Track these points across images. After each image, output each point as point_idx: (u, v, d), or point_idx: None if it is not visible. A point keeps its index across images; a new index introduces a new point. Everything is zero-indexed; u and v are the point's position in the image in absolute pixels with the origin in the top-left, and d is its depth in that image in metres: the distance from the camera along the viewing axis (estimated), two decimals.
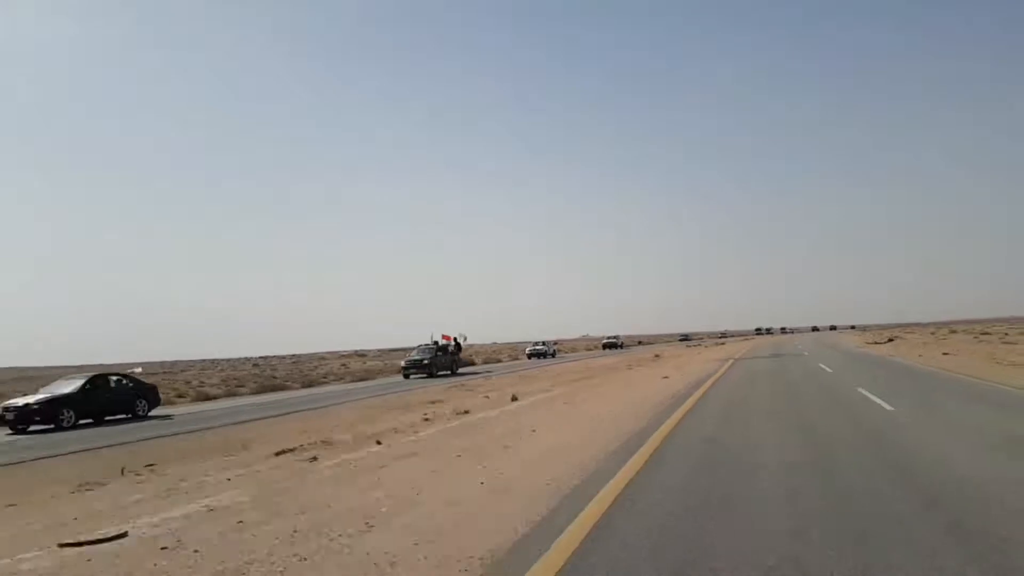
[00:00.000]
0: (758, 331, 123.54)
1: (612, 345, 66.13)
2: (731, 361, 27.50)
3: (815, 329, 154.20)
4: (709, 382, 16.51)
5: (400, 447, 8.55)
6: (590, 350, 65.87)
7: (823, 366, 20.92)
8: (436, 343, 33.00)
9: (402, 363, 31.77)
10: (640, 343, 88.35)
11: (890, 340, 43.61)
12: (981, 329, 57.76)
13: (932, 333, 56.35)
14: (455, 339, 35.28)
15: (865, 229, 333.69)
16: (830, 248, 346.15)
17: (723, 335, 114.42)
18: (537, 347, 50.24)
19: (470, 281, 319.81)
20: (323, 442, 9.55)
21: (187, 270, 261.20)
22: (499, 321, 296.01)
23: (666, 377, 19.37)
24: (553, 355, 49.56)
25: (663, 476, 5.72)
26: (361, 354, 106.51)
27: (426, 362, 30.38)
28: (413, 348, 33.65)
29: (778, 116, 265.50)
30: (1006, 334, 39.78)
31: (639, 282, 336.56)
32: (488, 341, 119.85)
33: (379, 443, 9.04)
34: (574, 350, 67.48)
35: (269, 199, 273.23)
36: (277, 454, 8.70)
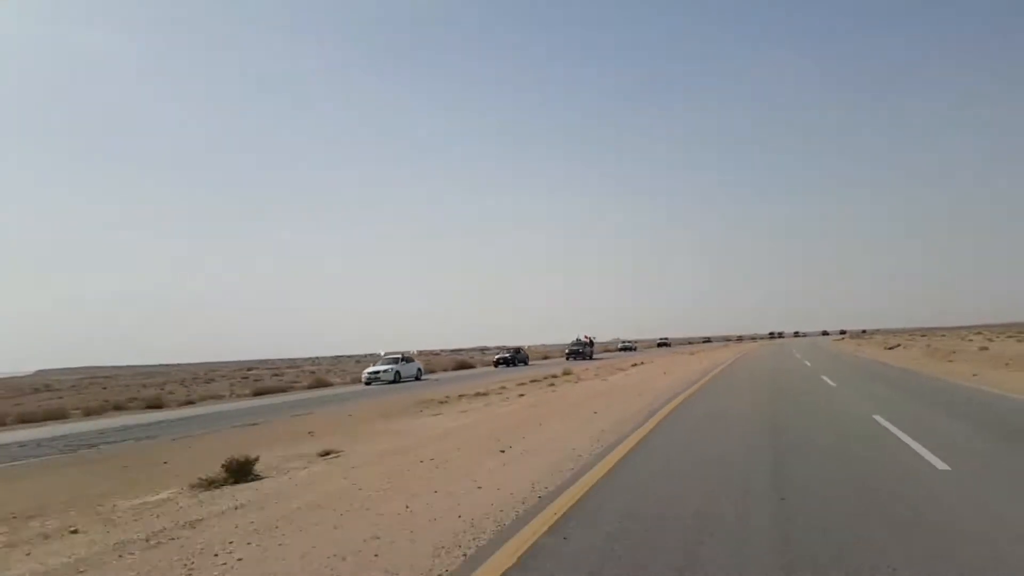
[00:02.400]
0: (771, 335, 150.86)
1: (664, 344, 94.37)
2: (759, 346, 55.75)
3: (825, 333, 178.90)
4: (752, 350, 44.62)
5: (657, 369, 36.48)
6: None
7: (793, 350, 48.45)
8: (579, 339, 60.71)
9: (566, 350, 59.13)
10: (690, 343, 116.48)
11: (843, 337, 72.10)
12: (950, 334, 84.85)
13: (906, 336, 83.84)
14: (590, 337, 63.29)
15: (886, 236, 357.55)
16: (846, 255, 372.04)
17: (740, 338, 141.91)
18: (626, 343, 78.18)
19: (480, 285, 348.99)
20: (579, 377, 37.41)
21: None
22: (523, 323, 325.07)
23: (735, 348, 47.46)
24: (635, 349, 76.98)
25: (747, 358, 33.56)
26: (435, 352, 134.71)
27: (581, 351, 57.83)
28: (567, 344, 61.53)
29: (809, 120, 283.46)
30: (969, 337, 66.14)
31: (659, 288, 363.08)
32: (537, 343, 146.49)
33: (636, 365, 36.93)
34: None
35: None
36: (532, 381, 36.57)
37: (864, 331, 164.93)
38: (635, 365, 31.91)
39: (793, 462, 6.08)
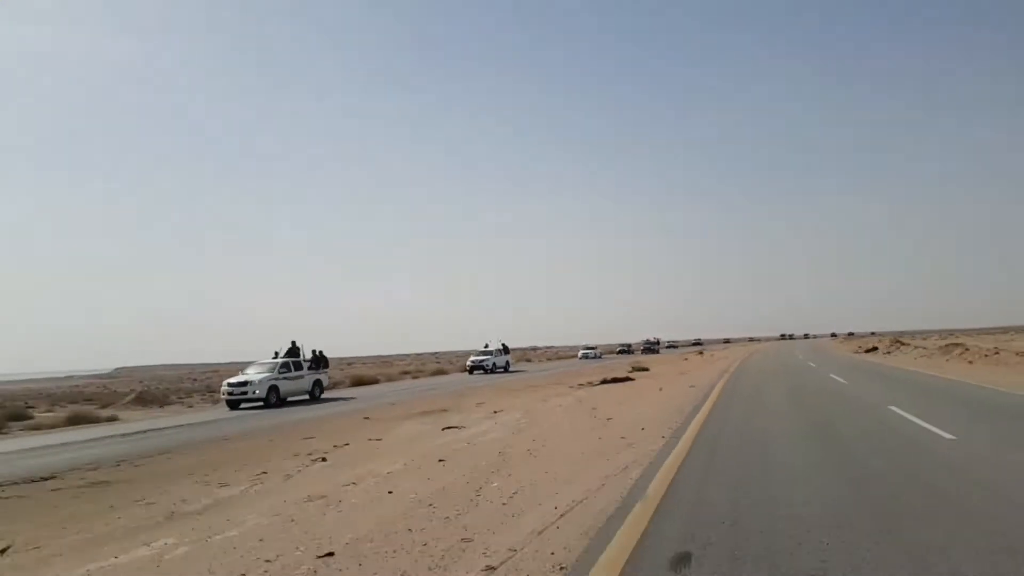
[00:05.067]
0: (782, 336, 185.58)
1: (698, 343, 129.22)
2: (772, 345, 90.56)
3: (833, 335, 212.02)
4: (766, 347, 79.29)
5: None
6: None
7: (796, 352, 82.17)
8: (648, 340, 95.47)
9: (642, 347, 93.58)
10: (727, 342, 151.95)
11: (840, 338, 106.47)
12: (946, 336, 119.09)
13: (891, 338, 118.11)
14: (657, 338, 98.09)
15: (902, 242, 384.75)
16: (858, 259, 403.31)
17: (751, 339, 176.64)
18: (672, 343, 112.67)
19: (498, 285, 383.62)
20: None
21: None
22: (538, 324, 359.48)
23: (754, 346, 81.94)
24: (678, 347, 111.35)
25: (764, 351, 68.06)
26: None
27: (652, 348, 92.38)
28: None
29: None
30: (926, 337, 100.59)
31: (679, 291, 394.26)
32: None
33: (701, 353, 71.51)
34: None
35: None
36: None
37: (873, 333, 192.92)
38: (723, 349, 66.24)
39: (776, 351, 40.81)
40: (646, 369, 28.90)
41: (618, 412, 11.79)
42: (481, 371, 36.80)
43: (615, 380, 22.08)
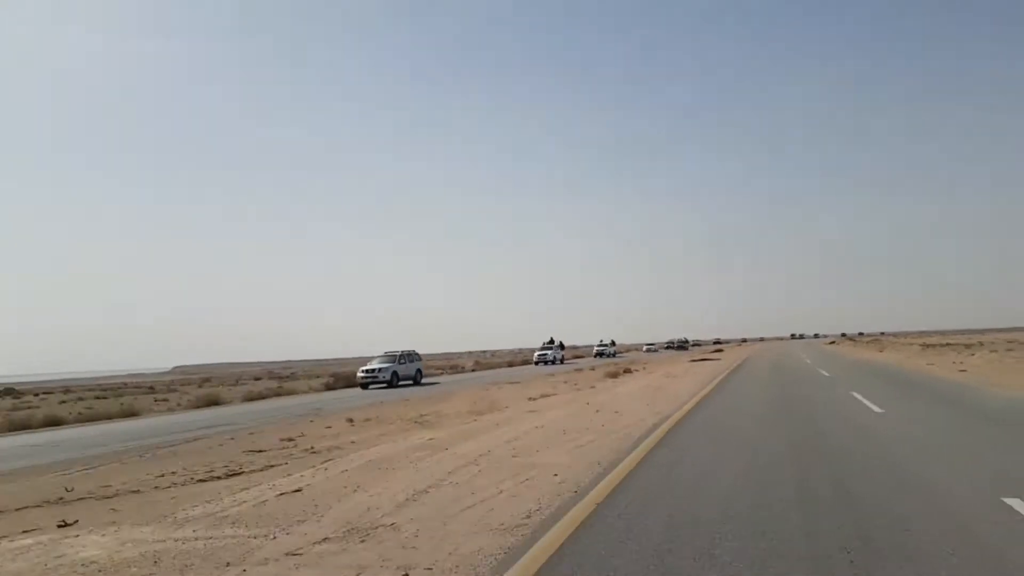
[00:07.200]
0: (792, 336, 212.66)
1: (718, 342, 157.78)
2: (786, 341, 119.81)
3: (844, 335, 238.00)
4: (778, 346, 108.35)
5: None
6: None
7: (798, 352, 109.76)
8: (675, 339, 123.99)
9: (666, 344, 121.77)
10: (744, 341, 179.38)
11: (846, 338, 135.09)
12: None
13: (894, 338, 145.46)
14: (686, 337, 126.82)
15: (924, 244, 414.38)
16: (871, 262, 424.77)
17: (762, 339, 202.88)
18: (697, 341, 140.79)
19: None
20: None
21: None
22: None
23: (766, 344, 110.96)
24: (700, 345, 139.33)
25: (771, 348, 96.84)
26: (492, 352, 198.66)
27: (682, 345, 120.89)
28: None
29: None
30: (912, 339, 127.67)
31: (695, 293, 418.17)
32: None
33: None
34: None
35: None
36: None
37: (883, 333, 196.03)
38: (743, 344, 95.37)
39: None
40: (722, 350, 58.34)
41: (734, 354, 41.76)
42: (544, 363, 47.06)
43: (717, 350, 52.00)
